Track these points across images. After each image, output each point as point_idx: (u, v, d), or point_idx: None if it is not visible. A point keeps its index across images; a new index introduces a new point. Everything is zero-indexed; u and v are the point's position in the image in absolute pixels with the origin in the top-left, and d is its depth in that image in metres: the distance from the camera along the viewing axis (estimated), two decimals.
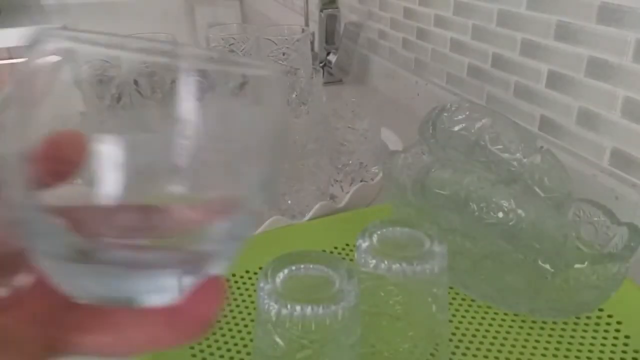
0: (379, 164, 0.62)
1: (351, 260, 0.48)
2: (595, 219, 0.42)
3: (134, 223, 0.16)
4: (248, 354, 0.38)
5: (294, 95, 0.59)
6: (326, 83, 1.02)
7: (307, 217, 0.53)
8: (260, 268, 0.46)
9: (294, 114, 0.59)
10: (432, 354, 0.37)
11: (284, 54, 0.56)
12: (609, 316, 0.41)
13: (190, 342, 0.18)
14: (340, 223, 0.52)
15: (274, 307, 0.30)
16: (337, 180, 0.62)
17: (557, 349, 0.38)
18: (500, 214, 0.41)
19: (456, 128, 0.47)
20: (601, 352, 0.38)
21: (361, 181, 0.61)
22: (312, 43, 1.04)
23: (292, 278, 0.32)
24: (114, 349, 0.17)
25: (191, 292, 0.17)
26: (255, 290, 0.44)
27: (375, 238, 0.35)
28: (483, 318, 0.42)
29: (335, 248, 0.50)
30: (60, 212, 0.16)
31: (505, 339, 0.40)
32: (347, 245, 0.50)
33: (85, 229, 0.16)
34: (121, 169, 0.15)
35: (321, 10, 1.05)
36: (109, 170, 0.15)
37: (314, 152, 0.56)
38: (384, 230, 0.36)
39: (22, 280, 0.18)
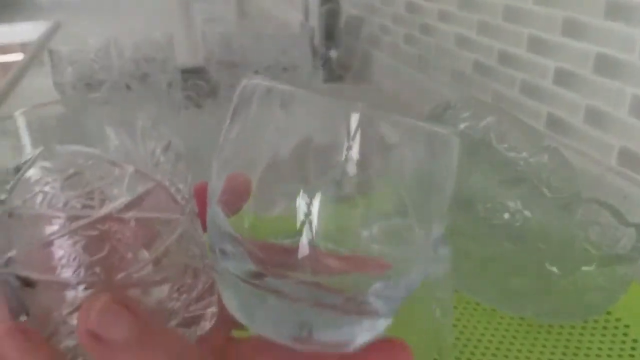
0: None
1: None
2: (603, 219, 0.41)
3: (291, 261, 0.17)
4: None
5: None
6: (327, 80, 1.01)
7: None
8: None
9: None
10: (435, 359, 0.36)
11: (282, 51, 0.55)
12: (617, 319, 0.40)
13: None
14: None
15: None
16: None
17: (564, 353, 0.38)
18: (506, 215, 0.40)
19: (461, 126, 0.47)
20: (609, 356, 0.37)
21: None
22: (311, 39, 1.03)
23: None
24: None
25: (369, 347, 0.17)
26: None
27: None
28: (488, 322, 0.41)
29: None
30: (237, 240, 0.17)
31: (511, 343, 0.39)
32: None
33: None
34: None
35: (321, 5, 1.03)
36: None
37: None
38: None
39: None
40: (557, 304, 0.37)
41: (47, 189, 0.16)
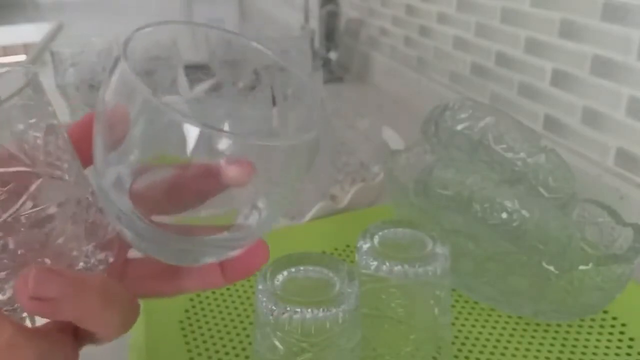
0: (380, 164, 0.62)
1: (352, 262, 0.47)
2: (600, 219, 0.42)
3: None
4: (247, 357, 0.38)
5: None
6: (326, 81, 1.01)
7: (307, 217, 0.53)
8: (259, 270, 0.46)
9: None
10: (434, 358, 0.36)
11: (283, 52, 0.55)
12: (614, 318, 0.41)
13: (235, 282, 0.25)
14: (341, 224, 0.52)
15: (273, 310, 0.29)
16: (337, 180, 0.61)
17: (561, 351, 0.38)
18: (504, 215, 0.40)
19: (459, 127, 0.47)
20: (605, 354, 0.38)
21: (362, 181, 0.61)
22: (312, 40, 1.04)
23: (292, 280, 0.31)
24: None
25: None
26: (254, 293, 0.44)
27: (376, 239, 0.35)
28: (486, 321, 0.41)
29: (336, 249, 0.50)
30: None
31: (508, 341, 0.39)
32: (348, 246, 0.50)
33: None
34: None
35: (321, 7, 1.04)
36: None
37: None
38: (386, 231, 0.36)
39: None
40: (554, 303, 0.38)
41: None
